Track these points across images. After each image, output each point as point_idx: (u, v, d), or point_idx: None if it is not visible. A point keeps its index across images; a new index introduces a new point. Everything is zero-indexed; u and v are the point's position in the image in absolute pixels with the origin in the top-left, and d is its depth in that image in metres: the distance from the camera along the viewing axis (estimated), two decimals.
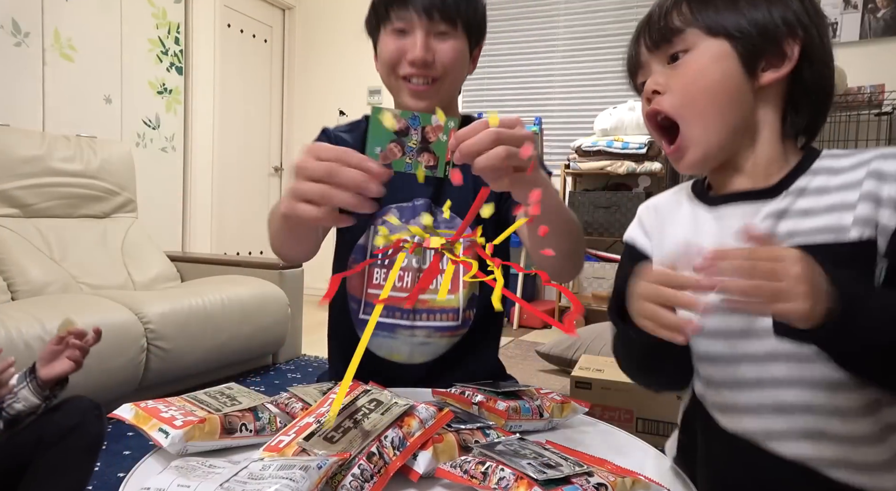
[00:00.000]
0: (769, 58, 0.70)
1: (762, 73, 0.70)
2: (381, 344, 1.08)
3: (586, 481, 0.65)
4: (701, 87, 0.71)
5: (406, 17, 1.01)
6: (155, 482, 0.63)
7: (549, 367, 3.03)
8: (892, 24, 3.46)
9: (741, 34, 0.69)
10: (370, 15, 1.09)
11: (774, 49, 0.69)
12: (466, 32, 1.05)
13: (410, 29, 1.02)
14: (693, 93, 0.71)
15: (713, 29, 0.70)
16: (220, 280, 2.72)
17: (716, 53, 0.70)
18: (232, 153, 4.53)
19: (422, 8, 0.99)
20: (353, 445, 0.69)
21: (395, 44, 1.03)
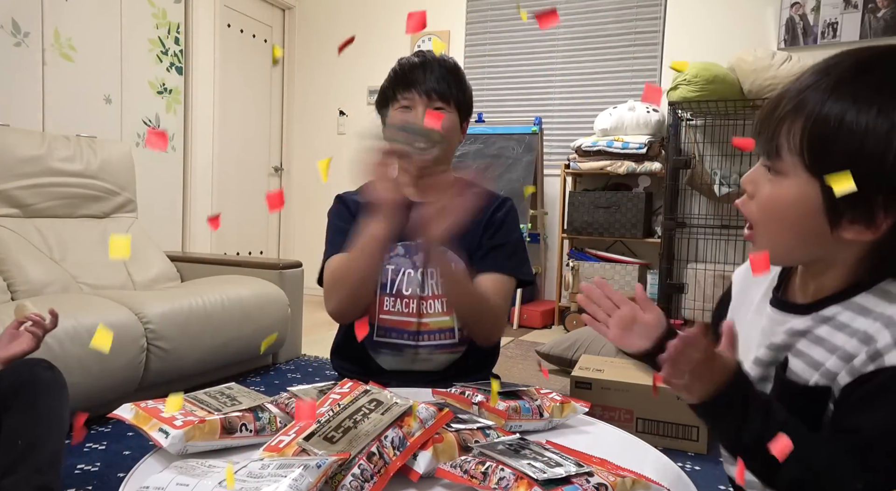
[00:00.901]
0: (857, 216, 0.64)
1: (848, 225, 0.64)
2: (389, 361, 1.28)
3: (586, 481, 0.65)
4: (778, 218, 0.69)
5: (410, 97, 1.25)
6: (154, 481, 0.63)
7: (550, 367, 3.03)
8: (892, 24, 3.46)
9: (829, 189, 0.63)
10: (380, 96, 1.32)
11: (864, 211, 0.63)
12: (458, 109, 1.29)
13: (414, 106, 1.25)
14: (769, 217, 0.70)
15: (813, 170, 0.65)
16: (220, 280, 2.72)
17: (803, 194, 0.66)
18: (232, 153, 4.52)
19: (423, 91, 1.25)
20: (353, 445, 0.69)
21: (402, 115, 1.26)
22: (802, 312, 0.71)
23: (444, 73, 1.26)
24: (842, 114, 0.63)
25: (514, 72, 4.43)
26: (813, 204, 0.66)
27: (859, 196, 0.61)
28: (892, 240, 0.64)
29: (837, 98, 0.64)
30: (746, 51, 3.47)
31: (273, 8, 4.90)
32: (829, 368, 0.67)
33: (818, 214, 0.66)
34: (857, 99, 0.63)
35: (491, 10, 4.47)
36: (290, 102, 5.07)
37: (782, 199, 0.68)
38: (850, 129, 0.62)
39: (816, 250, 0.69)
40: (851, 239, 0.65)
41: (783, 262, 0.74)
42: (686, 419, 1.98)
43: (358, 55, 4.87)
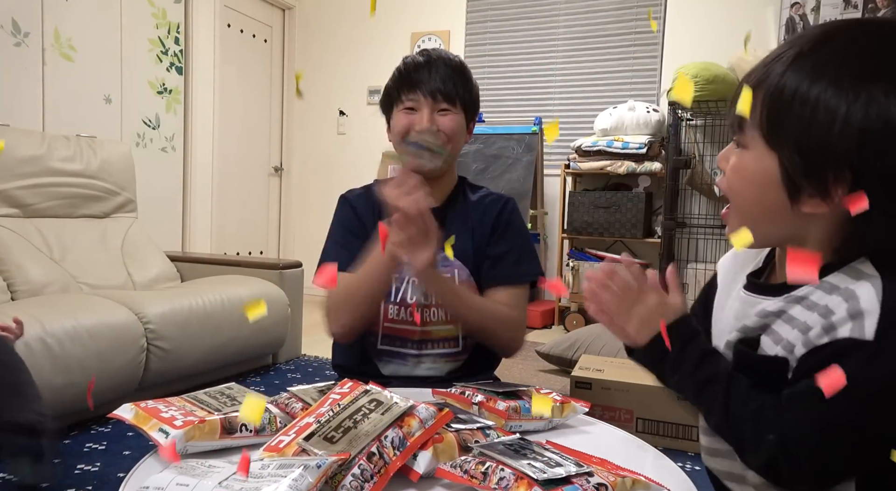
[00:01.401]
0: (813, 190, 0.64)
1: (808, 199, 0.64)
2: (393, 369, 1.27)
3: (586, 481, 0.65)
4: (742, 192, 0.71)
5: (414, 98, 1.23)
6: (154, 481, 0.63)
7: (550, 367, 3.03)
8: None
9: (788, 161, 0.64)
10: (384, 97, 1.30)
11: (819, 184, 0.63)
12: (463, 109, 1.26)
13: (418, 107, 1.23)
14: (736, 191, 0.71)
15: (770, 142, 0.66)
16: (220, 280, 2.72)
17: (761, 170, 0.67)
18: (232, 153, 4.53)
19: (427, 92, 1.22)
20: (353, 445, 0.69)
21: (406, 118, 1.23)
22: (775, 293, 0.71)
23: (449, 72, 1.22)
24: (796, 85, 0.63)
25: (514, 72, 4.43)
26: (772, 176, 0.66)
27: (813, 168, 0.62)
28: (852, 216, 0.62)
29: (796, 69, 0.64)
30: (746, 51, 3.48)
31: (273, 8, 4.90)
32: (789, 340, 0.67)
33: (778, 187, 0.66)
34: (812, 70, 0.63)
35: (491, 10, 4.47)
36: (290, 102, 5.07)
37: (745, 171, 0.69)
38: (803, 100, 0.62)
39: (783, 227, 0.69)
40: (811, 213, 0.65)
41: (755, 238, 0.69)
42: (686, 419, 1.98)
43: (358, 55, 4.87)
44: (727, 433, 0.70)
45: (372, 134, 4.73)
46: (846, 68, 0.62)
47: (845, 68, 0.62)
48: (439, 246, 1.08)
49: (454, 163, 1.32)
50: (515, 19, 4.41)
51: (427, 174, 1.21)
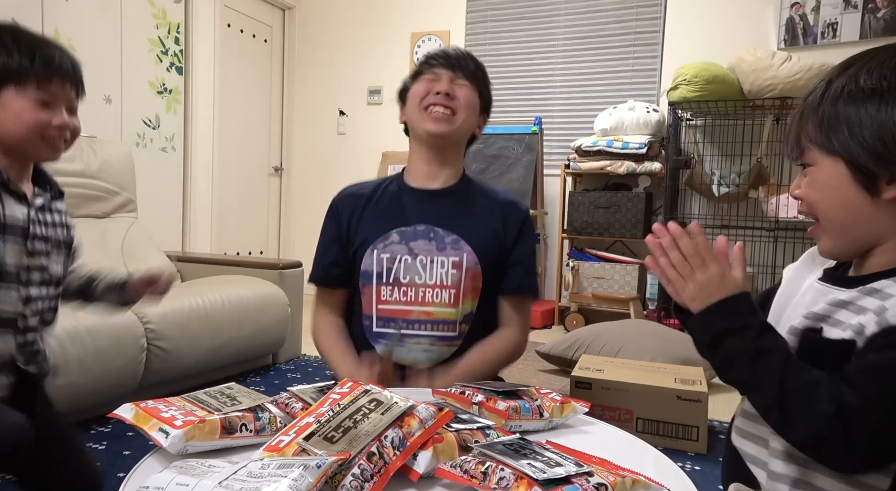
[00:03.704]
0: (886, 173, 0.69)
1: (887, 187, 0.69)
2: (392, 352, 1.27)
3: (586, 481, 0.65)
4: (821, 205, 0.75)
5: (436, 71, 1.29)
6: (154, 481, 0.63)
7: (549, 367, 3.03)
8: (892, 24, 3.46)
9: (852, 158, 0.70)
10: (403, 87, 1.36)
11: (887, 166, 0.68)
12: (479, 93, 1.33)
13: (439, 77, 1.29)
14: (817, 204, 0.76)
15: (829, 150, 0.72)
16: (220, 280, 2.72)
17: (832, 174, 0.73)
18: (232, 153, 4.52)
19: (449, 64, 1.30)
20: (353, 445, 0.69)
21: (425, 85, 1.29)
22: (850, 285, 0.73)
23: (469, 65, 1.32)
24: (834, 98, 0.72)
25: (514, 72, 4.43)
26: (844, 177, 0.71)
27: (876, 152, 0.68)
28: None
29: (829, 91, 0.73)
30: (746, 51, 3.48)
31: (273, 8, 4.90)
32: (860, 322, 0.68)
33: (853, 185, 0.71)
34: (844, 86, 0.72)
35: (491, 10, 4.47)
36: (290, 102, 5.07)
37: (818, 183, 0.75)
38: (846, 103, 0.71)
39: (871, 224, 0.72)
40: (893, 198, 0.69)
41: (846, 247, 0.76)
42: (686, 419, 1.98)
43: (358, 55, 4.87)
44: (775, 407, 0.69)
45: (372, 134, 4.73)
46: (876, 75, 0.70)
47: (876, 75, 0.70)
48: None
49: (462, 149, 1.38)
50: (515, 19, 4.41)
51: (437, 140, 1.30)
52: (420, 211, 1.30)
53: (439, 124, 1.27)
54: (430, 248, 1.27)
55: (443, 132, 1.27)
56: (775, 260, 3.60)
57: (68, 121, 1.13)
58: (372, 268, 1.28)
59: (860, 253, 0.76)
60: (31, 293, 1.16)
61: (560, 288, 4.13)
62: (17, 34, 1.10)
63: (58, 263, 1.23)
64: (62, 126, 1.12)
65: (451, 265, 1.26)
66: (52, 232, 1.22)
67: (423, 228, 1.29)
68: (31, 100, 1.08)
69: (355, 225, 1.33)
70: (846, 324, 0.70)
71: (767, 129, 3.56)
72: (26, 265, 1.14)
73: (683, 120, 3.79)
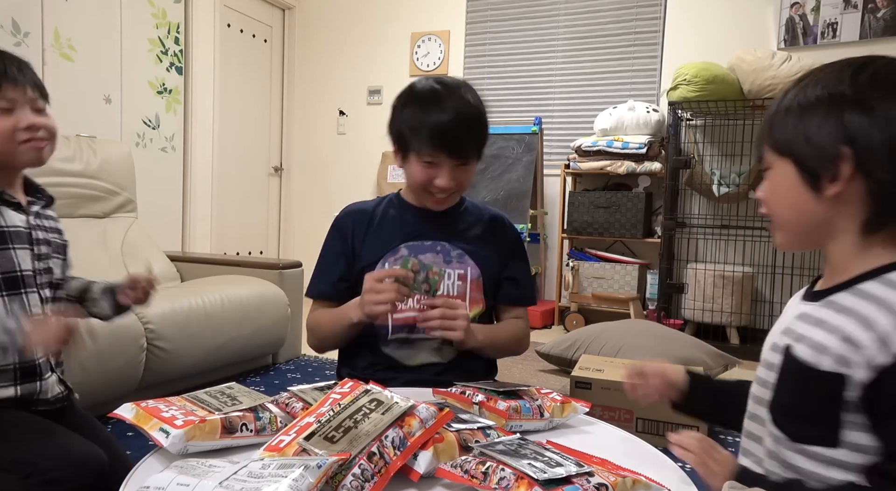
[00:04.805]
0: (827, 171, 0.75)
1: (829, 185, 0.75)
2: (404, 354, 1.31)
3: (586, 481, 0.65)
4: (775, 202, 0.82)
5: (436, 156, 1.25)
6: (154, 481, 0.63)
7: (549, 367, 3.03)
8: (892, 24, 3.46)
9: (798, 157, 0.77)
10: (399, 137, 1.30)
11: (831, 166, 0.74)
12: (477, 157, 1.33)
13: (439, 164, 1.26)
14: (771, 203, 0.83)
15: (781, 151, 0.80)
16: (220, 280, 2.72)
17: (783, 174, 0.79)
18: (232, 153, 4.52)
19: (448, 152, 1.25)
20: (353, 445, 0.69)
21: (427, 172, 1.27)
22: (815, 299, 0.79)
23: (471, 130, 1.28)
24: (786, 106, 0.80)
25: (514, 72, 4.43)
26: (793, 177, 0.78)
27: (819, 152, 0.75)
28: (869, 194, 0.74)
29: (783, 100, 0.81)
30: (746, 51, 3.48)
31: (273, 8, 4.90)
32: (838, 352, 0.71)
33: (800, 184, 0.77)
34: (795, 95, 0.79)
35: (491, 10, 4.47)
36: (290, 102, 5.07)
37: (773, 184, 0.82)
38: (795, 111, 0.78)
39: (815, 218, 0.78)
40: (834, 195, 0.75)
41: (794, 239, 0.83)
42: (686, 419, 1.98)
43: (358, 55, 4.87)
44: None
45: (372, 134, 4.73)
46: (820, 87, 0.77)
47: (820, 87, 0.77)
48: None
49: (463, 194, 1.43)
50: (515, 19, 4.41)
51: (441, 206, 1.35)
52: (425, 227, 1.35)
53: (441, 205, 1.34)
54: (438, 260, 1.32)
55: (445, 210, 1.35)
56: (775, 260, 3.60)
57: (36, 120, 1.14)
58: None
59: (812, 246, 0.83)
60: (46, 295, 1.20)
61: (560, 288, 4.13)
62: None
63: (57, 266, 1.26)
64: (31, 126, 1.13)
65: (457, 277, 1.32)
66: (51, 236, 1.25)
67: (430, 243, 1.34)
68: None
69: (360, 242, 1.36)
70: (809, 338, 0.75)
71: None
72: (38, 269, 1.18)
73: (683, 120, 3.79)
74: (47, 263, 1.22)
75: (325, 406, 0.78)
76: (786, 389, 0.78)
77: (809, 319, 0.77)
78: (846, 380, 0.70)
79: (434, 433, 0.74)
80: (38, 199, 1.23)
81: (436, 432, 0.75)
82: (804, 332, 0.76)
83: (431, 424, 0.75)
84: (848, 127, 0.73)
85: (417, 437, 0.72)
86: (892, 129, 0.72)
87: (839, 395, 0.71)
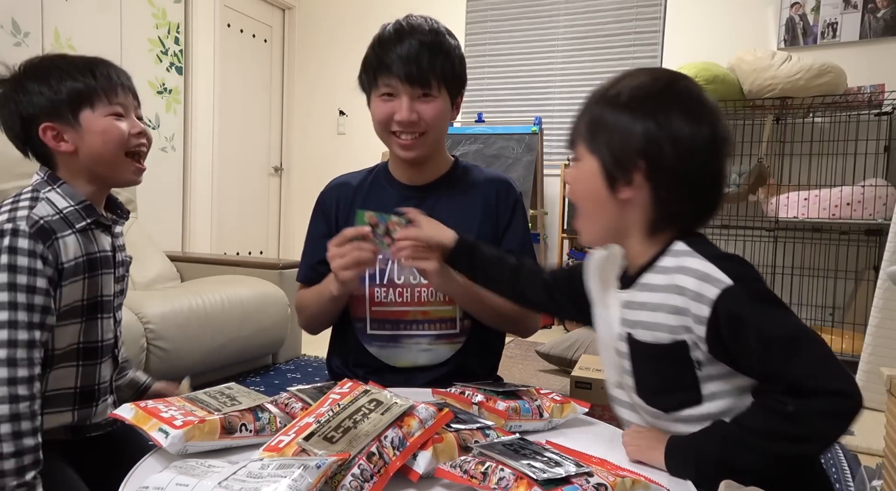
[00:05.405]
0: (622, 176, 0.84)
1: (622, 187, 0.84)
2: (388, 354, 1.24)
3: (586, 481, 0.65)
4: (579, 195, 0.90)
5: (392, 84, 1.17)
6: (154, 481, 0.63)
7: (549, 367, 3.03)
8: (892, 24, 3.46)
9: (603, 159, 0.85)
10: (362, 73, 1.26)
11: (627, 174, 0.83)
12: (446, 89, 1.20)
13: (397, 94, 1.18)
14: (576, 197, 0.91)
15: (591, 149, 0.87)
16: (220, 280, 2.72)
17: (588, 169, 0.87)
18: (232, 153, 4.52)
19: (404, 76, 1.15)
20: (352, 445, 0.69)
21: (385, 106, 1.20)
22: (629, 285, 0.88)
23: (424, 48, 1.15)
24: (602, 109, 0.87)
25: (514, 72, 4.43)
26: (596, 172, 0.86)
27: (618, 159, 0.83)
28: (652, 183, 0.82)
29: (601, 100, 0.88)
30: (746, 51, 3.47)
31: (273, 8, 4.90)
32: (672, 324, 0.80)
33: (601, 181, 0.85)
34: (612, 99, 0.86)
35: (491, 10, 4.47)
36: (290, 102, 5.07)
37: (579, 174, 0.89)
38: (609, 116, 0.85)
39: (609, 216, 0.87)
40: (626, 199, 0.84)
41: (594, 234, 0.91)
42: None
43: (358, 55, 4.82)
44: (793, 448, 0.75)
45: (372, 134, 4.68)
46: (633, 98, 0.84)
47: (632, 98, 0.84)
48: None
49: (442, 143, 1.30)
50: (515, 19, 4.41)
51: (411, 162, 1.25)
52: (411, 203, 1.22)
53: (408, 151, 1.22)
54: None
55: (415, 157, 1.23)
56: (775, 260, 3.60)
57: (143, 127, 1.12)
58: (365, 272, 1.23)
59: (610, 241, 0.92)
60: (119, 317, 1.17)
61: None
62: (68, 59, 1.10)
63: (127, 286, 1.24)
64: (140, 132, 1.10)
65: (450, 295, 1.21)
66: (125, 256, 1.21)
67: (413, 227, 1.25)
68: (109, 115, 1.07)
69: (343, 219, 1.29)
70: (641, 322, 0.84)
71: (767, 130, 3.56)
72: (118, 291, 1.15)
73: None
74: (122, 284, 1.18)
75: (324, 406, 0.78)
76: (644, 372, 0.86)
77: (633, 304, 0.86)
78: (688, 343, 0.80)
79: (433, 433, 0.74)
80: (119, 217, 1.17)
81: (435, 432, 0.75)
82: (635, 317, 0.85)
83: (431, 424, 0.75)
84: (647, 141, 0.81)
85: (417, 437, 0.72)
86: (681, 149, 0.80)
87: (688, 358, 0.80)
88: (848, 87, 3.27)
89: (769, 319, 0.76)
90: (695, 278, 0.78)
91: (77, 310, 1.05)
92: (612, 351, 0.91)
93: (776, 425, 0.73)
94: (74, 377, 1.08)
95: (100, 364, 1.11)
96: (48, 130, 1.05)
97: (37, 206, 1.04)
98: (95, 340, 1.10)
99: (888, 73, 3.37)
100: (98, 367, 1.11)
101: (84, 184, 1.09)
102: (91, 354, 1.10)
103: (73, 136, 1.05)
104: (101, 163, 1.07)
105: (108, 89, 1.08)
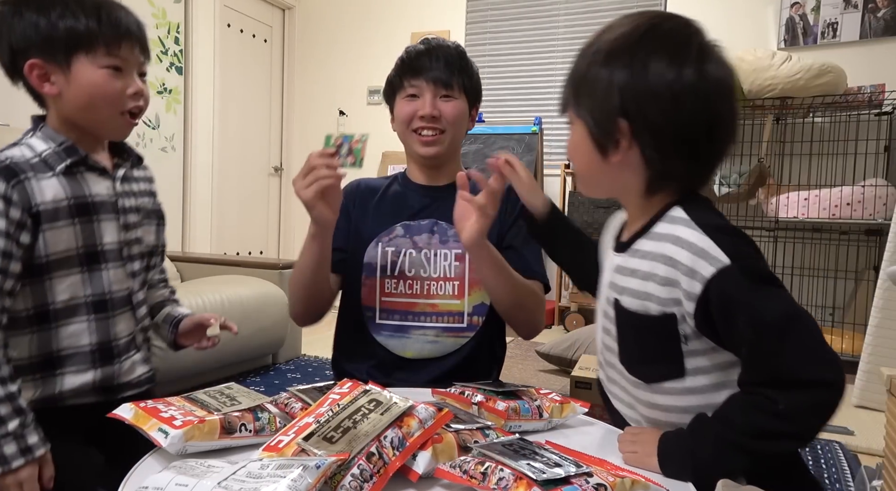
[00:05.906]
0: (609, 141, 0.81)
1: (612, 151, 0.81)
2: (396, 344, 1.27)
3: (586, 482, 0.65)
4: (574, 157, 0.88)
5: (417, 85, 1.27)
6: (153, 481, 0.63)
7: (549, 367, 3.03)
8: (892, 24, 3.46)
9: (587, 124, 0.83)
10: (387, 87, 1.35)
11: (609, 136, 0.80)
12: (465, 95, 1.31)
13: (421, 93, 1.28)
14: (572, 157, 0.89)
15: (577, 113, 0.85)
16: (220, 280, 2.72)
17: (578, 136, 0.85)
18: (232, 153, 4.52)
19: (430, 78, 1.27)
20: (352, 445, 0.69)
21: (409, 106, 1.29)
22: (623, 249, 0.86)
23: (449, 59, 1.28)
24: (583, 66, 0.83)
25: (514, 72, 4.43)
26: (586, 139, 0.83)
27: (600, 123, 0.80)
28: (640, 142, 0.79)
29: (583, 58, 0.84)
30: (746, 50, 3.47)
31: (273, 8, 4.90)
32: (663, 297, 0.78)
33: (591, 150, 0.83)
34: (592, 55, 0.82)
35: (491, 10, 4.47)
36: (290, 102, 5.07)
37: (573, 141, 0.87)
38: (589, 74, 0.82)
39: (607, 178, 0.86)
40: (618, 162, 0.82)
41: (592, 187, 0.91)
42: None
43: (358, 55, 4.86)
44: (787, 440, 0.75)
45: (372, 134, 4.71)
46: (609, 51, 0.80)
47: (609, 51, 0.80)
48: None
49: (459, 148, 1.38)
50: (515, 19, 4.41)
51: (430, 160, 1.31)
52: (424, 206, 1.32)
53: (429, 148, 1.29)
54: (434, 241, 1.29)
55: (434, 154, 1.30)
56: (775, 260, 3.60)
57: (142, 87, 1.04)
58: (376, 261, 1.29)
59: (608, 196, 0.92)
60: (135, 268, 1.11)
61: (560, 288, 4.13)
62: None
63: (151, 234, 1.17)
64: (137, 93, 1.03)
65: (453, 257, 1.28)
66: (141, 202, 1.15)
67: (426, 222, 1.31)
68: (104, 67, 0.99)
69: (361, 217, 1.34)
70: (629, 289, 0.82)
71: (768, 129, 3.56)
72: (125, 240, 1.08)
73: None
74: (136, 232, 1.11)
75: (324, 406, 0.78)
76: (628, 340, 0.84)
77: (624, 269, 0.84)
78: (677, 317, 0.78)
79: (433, 434, 0.74)
80: (125, 160, 1.11)
81: (435, 433, 0.75)
82: (624, 283, 0.83)
83: (430, 424, 0.75)
84: (624, 98, 0.77)
85: (416, 437, 0.72)
86: (662, 101, 0.75)
87: (675, 331, 0.78)
88: (848, 86, 3.27)
89: (762, 303, 0.73)
90: (689, 252, 0.75)
91: (73, 259, 1.00)
92: (602, 314, 0.90)
93: (767, 424, 0.72)
94: (88, 333, 1.03)
95: (112, 318, 1.06)
96: (34, 68, 0.98)
97: (12, 150, 0.99)
98: (102, 292, 1.05)
99: (888, 73, 3.37)
100: (111, 321, 1.06)
101: (69, 129, 1.03)
102: (100, 308, 1.05)
103: (61, 79, 0.99)
104: (84, 117, 1.01)
105: (111, 39, 0.98)
